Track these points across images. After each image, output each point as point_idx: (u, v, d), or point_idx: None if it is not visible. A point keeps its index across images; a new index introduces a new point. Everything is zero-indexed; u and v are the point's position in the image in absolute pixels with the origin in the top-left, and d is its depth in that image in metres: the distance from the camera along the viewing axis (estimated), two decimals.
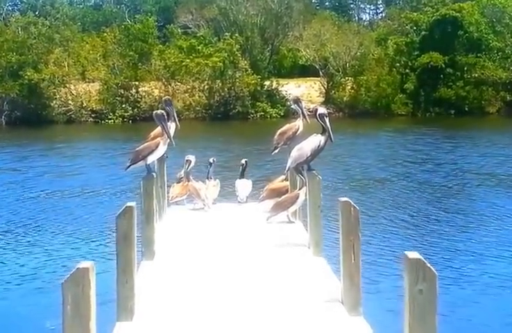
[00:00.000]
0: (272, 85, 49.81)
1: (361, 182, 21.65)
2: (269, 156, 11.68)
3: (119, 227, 6.38)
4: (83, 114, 47.05)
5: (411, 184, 21.06)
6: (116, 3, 77.28)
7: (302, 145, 9.15)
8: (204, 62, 47.98)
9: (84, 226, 15.74)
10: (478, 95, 49.24)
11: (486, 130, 38.78)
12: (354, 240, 6.56)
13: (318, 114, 8.88)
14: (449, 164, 25.34)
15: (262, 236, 9.64)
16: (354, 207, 6.63)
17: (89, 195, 19.77)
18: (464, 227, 15.32)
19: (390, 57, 51.45)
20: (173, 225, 10.68)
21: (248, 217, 11.05)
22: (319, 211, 8.72)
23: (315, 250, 8.63)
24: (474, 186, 20.74)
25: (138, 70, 49.15)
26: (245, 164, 12.62)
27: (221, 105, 47.50)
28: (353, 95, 49.79)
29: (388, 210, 17.14)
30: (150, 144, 9.31)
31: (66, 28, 53.43)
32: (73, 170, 25.30)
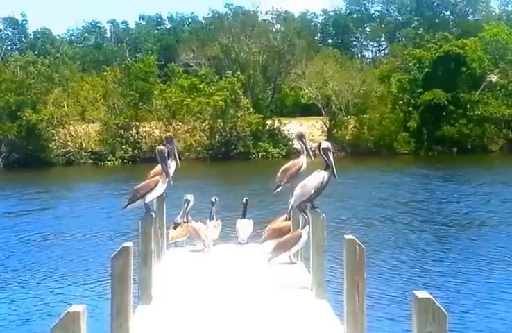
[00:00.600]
0: (274, 124, 49.36)
1: (363, 222, 21.09)
2: (271, 195, 11.26)
3: (115, 269, 6.22)
4: (82, 156, 46.41)
5: (414, 224, 20.63)
6: (117, 42, 77.40)
7: (305, 182, 8.75)
8: (205, 101, 47.60)
9: (80, 268, 15.35)
10: (481, 132, 48.79)
11: (489, 169, 38.32)
12: (359, 280, 6.35)
13: (322, 148, 8.52)
14: (452, 203, 24.91)
15: (263, 278, 9.39)
16: (360, 245, 6.45)
17: (85, 237, 19.32)
18: (467, 269, 14.88)
19: (393, 95, 51.08)
20: (172, 267, 10.34)
21: (249, 258, 10.79)
22: (322, 251, 8.32)
23: (317, 292, 8.28)
24: (476, 226, 20.28)
25: (138, 110, 48.74)
26: (245, 203, 12.20)
27: (222, 145, 46.95)
28: (355, 134, 49.28)
29: (391, 250, 16.82)
30: (149, 182, 8.96)
31: (65, 67, 53.15)
32: (70, 212, 24.76)
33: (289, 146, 47.72)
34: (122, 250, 6.28)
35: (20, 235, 20.39)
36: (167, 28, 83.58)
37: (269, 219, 12.69)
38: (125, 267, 6.23)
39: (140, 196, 8.75)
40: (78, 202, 27.65)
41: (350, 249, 6.40)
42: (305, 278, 9.07)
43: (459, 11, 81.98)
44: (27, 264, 16.21)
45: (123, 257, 6.26)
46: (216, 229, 11.81)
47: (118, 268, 6.22)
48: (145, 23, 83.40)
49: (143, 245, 8.13)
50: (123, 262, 6.24)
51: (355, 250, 6.36)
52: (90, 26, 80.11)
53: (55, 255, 17.07)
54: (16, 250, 17.99)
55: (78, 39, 79.58)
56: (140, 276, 8.11)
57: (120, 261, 6.23)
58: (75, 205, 26.68)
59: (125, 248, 6.34)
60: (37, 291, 13.58)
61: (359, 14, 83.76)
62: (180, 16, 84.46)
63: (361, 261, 6.35)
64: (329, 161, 8.43)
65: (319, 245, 8.21)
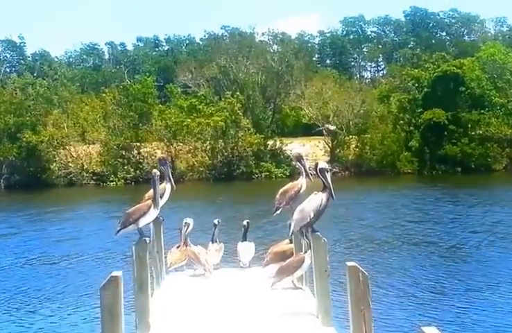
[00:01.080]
0: (275, 145, 49.18)
1: (367, 244, 20.72)
2: (272, 217, 10.87)
3: (103, 300, 5.99)
4: (84, 177, 46.12)
5: (421, 246, 20.23)
6: (115, 64, 77.45)
7: (303, 206, 8.43)
8: (205, 122, 47.47)
9: (69, 296, 14.80)
10: (483, 152, 48.69)
11: (494, 188, 38.18)
12: (365, 309, 6.10)
13: (319, 168, 8.26)
14: (458, 224, 24.55)
15: (267, 304, 9.00)
16: (363, 273, 6.18)
17: (81, 262, 18.92)
18: (476, 293, 14.43)
19: (394, 115, 51.10)
20: (171, 293, 9.93)
21: (251, 283, 10.40)
22: (326, 276, 7.94)
23: (324, 320, 7.88)
24: (484, 247, 19.88)
25: (139, 130, 48.62)
26: (247, 226, 11.75)
27: (225, 166, 46.69)
28: (358, 153, 49.16)
29: (397, 274, 16.43)
30: (141, 206, 8.63)
31: (64, 88, 53.11)
32: (69, 235, 24.33)
33: (293, 166, 47.18)
34: (111, 280, 6.05)
35: (11, 258, 19.98)
36: (165, 49, 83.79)
37: (271, 242, 12.48)
38: (114, 298, 6.02)
39: (133, 221, 8.48)
40: (77, 224, 27.23)
41: (353, 276, 6.13)
42: (311, 304, 8.73)
43: (455, 32, 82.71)
44: (16, 288, 15.83)
45: (113, 287, 6.00)
46: (218, 253, 11.44)
47: (108, 299, 6.03)
48: (143, 44, 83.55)
49: (139, 272, 7.83)
50: (112, 292, 5.99)
51: (358, 277, 6.10)
52: (88, 48, 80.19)
53: (48, 280, 16.63)
54: (6, 273, 17.65)
55: (77, 61, 79.61)
56: (137, 304, 7.80)
57: (109, 292, 5.99)
58: (74, 227, 26.25)
59: (113, 277, 6.09)
60: (25, 318, 13.18)
61: (355, 35, 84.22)
62: (178, 38, 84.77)
63: (365, 290, 6.08)
64: (327, 182, 8.20)
65: (322, 270, 7.92)
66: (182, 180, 44.46)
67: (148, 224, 8.87)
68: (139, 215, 8.46)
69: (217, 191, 40.65)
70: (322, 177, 8.22)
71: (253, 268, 11.28)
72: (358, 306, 6.10)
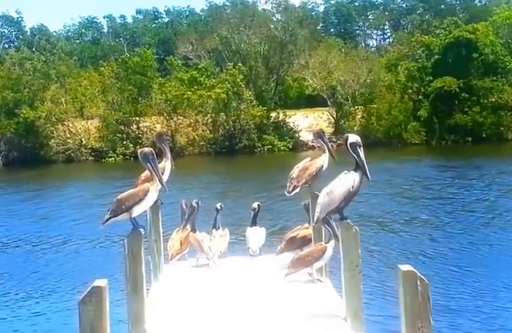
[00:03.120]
0: (278, 117, 47.69)
1: (384, 219, 19.50)
2: (284, 197, 9.41)
3: (84, 317, 4.89)
4: (83, 153, 45.07)
5: (422, 222, 19.17)
6: (115, 37, 75.97)
7: (331, 188, 6.97)
8: (206, 94, 46.02)
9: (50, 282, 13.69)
10: (496, 120, 46.95)
11: (507, 158, 36.38)
12: (424, 327, 4.90)
13: (349, 143, 6.87)
14: (470, 197, 23.26)
15: (281, 302, 7.71)
16: (422, 280, 4.95)
17: (74, 243, 17.66)
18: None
19: (402, 84, 49.36)
20: (170, 288, 8.63)
21: (262, 274, 9.06)
22: (358, 272, 6.63)
23: (354, 324, 6.60)
24: (495, 221, 18.85)
25: (138, 105, 47.30)
26: (257, 209, 10.27)
27: (226, 139, 45.31)
28: (364, 124, 47.63)
29: (400, 250, 15.45)
30: (136, 192, 7.08)
31: (62, 63, 51.74)
32: (62, 214, 23.20)
33: (296, 139, 46.13)
34: (92, 292, 4.93)
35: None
36: (165, 21, 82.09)
37: (285, 227, 11.17)
38: (98, 314, 4.87)
39: (126, 209, 7.00)
40: (72, 202, 26.10)
41: (409, 285, 4.98)
42: (334, 301, 7.53)
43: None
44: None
45: (95, 300, 4.88)
46: (223, 240, 10.07)
47: (89, 315, 4.85)
48: (142, 17, 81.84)
49: (132, 270, 6.52)
50: (94, 308, 4.88)
51: (416, 286, 4.94)
52: (87, 22, 78.69)
53: (31, 267, 15.46)
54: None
55: (75, 35, 78.24)
56: (130, 308, 6.53)
57: (91, 307, 4.87)
58: (69, 206, 25.06)
59: (96, 288, 4.91)
60: None
61: (361, 2, 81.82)
62: (177, 10, 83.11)
63: (425, 303, 4.94)
64: (359, 160, 6.82)
65: (352, 265, 6.61)
66: (182, 154, 43.27)
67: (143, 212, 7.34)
68: (133, 202, 6.96)
69: (219, 165, 39.38)
70: (354, 154, 6.83)
71: (264, 256, 9.93)
72: (414, 324, 4.94)
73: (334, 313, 7.04)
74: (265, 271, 9.12)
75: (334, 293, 7.81)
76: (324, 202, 6.94)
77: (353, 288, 6.61)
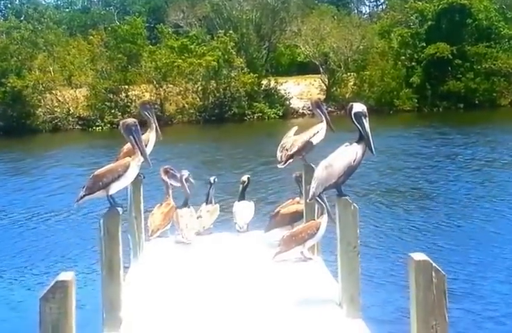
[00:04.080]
0: (270, 84, 47.04)
1: (367, 190, 19.03)
2: (275, 168, 8.93)
3: (45, 316, 4.25)
4: (70, 122, 44.40)
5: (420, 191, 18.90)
6: (105, 5, 74.76)
7: (331, 161, 6.43)
8: (197, 62, 45.28)
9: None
10: (489, 87, 46.32)
11: (500, 124, 35.88)
12: (439, 324, 4.32)
13: (354, 113, 6.34)
14: (455, 166, 22.98)
15: (269, 284, 7.20)
16: (438, 271, 4.40)
17: (54, 221, 16.98)
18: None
19: (395, 50, 48.65)
20: (150, 268, 8.13)
21: (249, 253, 8.53)
22: (356, 254, 6.13)
23: (350, 310, 6.14)
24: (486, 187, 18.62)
25: (127, 73, 46.56)
26: (246, 182, 9.72)
27: (216, 107, 44.70)
28: (356, 91, 47.02)
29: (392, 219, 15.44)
30: (115, 167, 6.51)
31: (50, 32, 50.86)
32: (41, 185, 22.73)
33: (286, 106, 45.55)
34: (56, 287, 4.31)
35: None
36: None
37: (275, 201, 10.82)
38: (62, 313, 4.27)
39: (102, 186, 6.45)
40: (53, 173, 25.53)
41: (422, 276, 4.42)
42: (327, 284, 7.07)
43: None
44: None
45: (59, 298, 4.27)
46: (211, 215, 9.63)
47: (52, 314, 4.23)
48: None
49: (108, 253, 6.02)
50: (58, 306, 4.27)
51: (431, 278, 4.39)
52: None
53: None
54: None
55: (65, 4, 77.06)
56: (104, 294, 6.05)
57: (52, 305, 4.25)
58: (53, 177, 24.46)
59: (60, 283, 4.33)
60: None
61: None
62: None
63: (441, 297, 4.38)
64: (364, 131, 6.27)
65: (350, 246, 6.11)
66: (170, 122, 42.79)
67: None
68: (111, 178, 6.40)
69: (208, 134, 38.87)
70: (358, 124, 6.30)
71: (252, 233, 9.43)
72: (427, 320, 4.40)
73: (327, 297, 6.56)
74: (252, 249, 8.64)
75: (328, 275, 7.37)
76: (322, 176, 6.40)
77: (350, 271, 6.15)
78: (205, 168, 22.62)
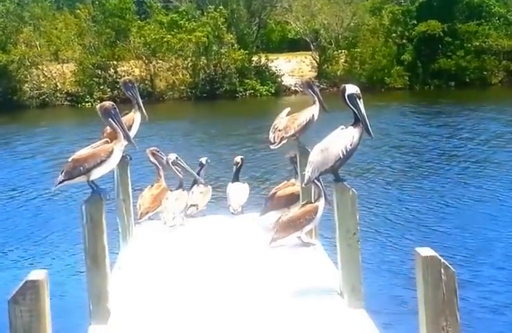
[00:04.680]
0: (260, 61, 46.54)
1: (358, 167, 18.77)
2: (269, 148, 8.71)
3: (15, 319, 3.88)
4: (58, 97, 43.75)
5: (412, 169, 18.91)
6: None
7: (327, 144, 6.23)
8: (187, 38, 44.68)
9: None
10: (479, 65, 46.02)
11: (491, 102, 35.85)
12: (450, 325, 3.98)
13: (348, 95, 6.10)
14: (447, 145, 22.91)
15: (265, 271, 6.89)
16: (447, 268, 4.08)
17: (40, 201, 16.48)
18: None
19: (386, 28, 48.22)
20: (139, 253, 7.85)
21: (243, 238, 8.21)
22: (356, 241, 5.90)
23: (352, 300, 5.89)
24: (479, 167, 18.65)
25: (116, 48, 45.91)
26: (240, 163, 9.54)
27: (207, 84, 44.21)
28: (347, 68, 46.62)
29: (387, 200, 15.28)
30: (98, 152, 6.16)
31: (36, 5, 49.91)
32: (33, 165, 22.26)
33: (278, 83, 45.14)
34: (27, 288, 3.96)
35: None
36: None
37: (271, 183, 10.53)
38: (33, 316, 3.92)
39: (83, 171, 6.11)
40: (35, 150, 25.20)
41: (430, 273, 4.13)
42: (326, 270, 6.81)
43: None
44: None
45: (30, 299, 3.93)
46: (204, 197, 9.35)
47: (20, 318, 3.90)
48: None
49: (92, 243, 5.73)
50: (29, 308, 3.93)
51: (439, 275, 4.10)
52: None
53: None
54: None
55: None
56: (90, 285, 5.80)
57: (23, 307, 3.92)
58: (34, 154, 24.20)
59: (31, 283, 3.98)
60: None
61: None
62: None
63: (451, 295, 4.10)
64: (359, 113, 6.08)
65: (349, 233, 5.91)
66: (161, 99, 42.36)
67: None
68: (93, 164, 6.08)
69: (199, 111, 38.56)
70: (353, 107, 6.11)
71: (246, 215, 9.15)
72: (438, 322, 4.11)
73: (328, 286, 6.32)
74: (247, 233, 8.35)
75: (328, 261, 7.08)
76: (317, 160, 6.22)
77: (350, 259, 5.93)
78: (198, 147, 22.29)
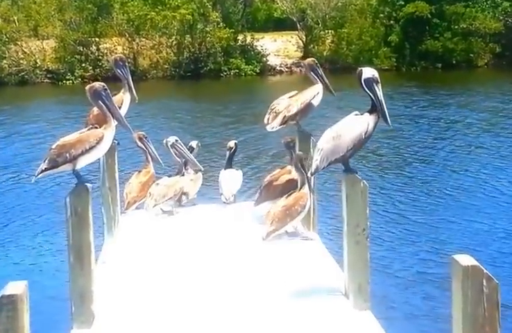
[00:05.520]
0: (246, 40, 45.78)
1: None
2: (261, 132, 8.15)
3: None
4: (38, 75, 42.58)
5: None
6: None
7: (340, 131, 5.66)
8: (171, 15, 43.72)
9: None
10: (466, 47, 45.76)
11: (477, 85, 35.77)
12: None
13: (364, 79, 5.69)
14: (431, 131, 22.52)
15: (263, 269, 6.37)
16: (490, 279, 3.66)
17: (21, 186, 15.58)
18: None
19: (373, 8, 47.66)
20: (126, 246, 7.28)
21: (238, 229, 7.70)
22: (365, 238, 5.47)
23: (357, 302, 5.51)
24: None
25: (98, 25, 44.83)
26: (234, 148, 8.90)
27: (191, 62, 43.36)
28: (334, 49, 46.02)
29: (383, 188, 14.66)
30: (86, 137, 5.51)
31: None
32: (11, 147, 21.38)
33: (263, 63, 44.39)
34: (2, 304, 3.47)
35: None
36: None
37: (265, 169, 10.14)
38: (14, 323, 3.45)
39: (69, 159, 5.49)
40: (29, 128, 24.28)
41: (472, 287, 3.69)
42: (328, 266, 6.38)
43: None
44: None
45: (7, 317, 3.43)
46: (194, 184, 8.77)
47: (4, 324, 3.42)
48: None
49: (76, 236, 5.23)
50: (5, 327, 3.46)
51: (481, 288, 3.67)
52: None
53: None
54: None
55: None
56: (73, 285, 5.31)
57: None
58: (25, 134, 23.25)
59: (8, 299, 3.47)
60: None
61: None
62: None
63: (492, 312, 3.66)
64: (377, 99, 5.61)
65: (359, 228, 5.46)
66: (144, 78, 41.49)
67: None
68: (81, 150, 5.46)
69: (183, 90, 37.74)
70: (370, 92, 5.65)
71: (239, 204, 8.62)
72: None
73: (331, 286, 5.89)
74: (241, 224, 7.83)
75: (329, 258, 6.64)
76: (327, 148, 5.62)
77: (358, 257, 5.50)
78: (185, 130, 21.66)
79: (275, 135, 8.27)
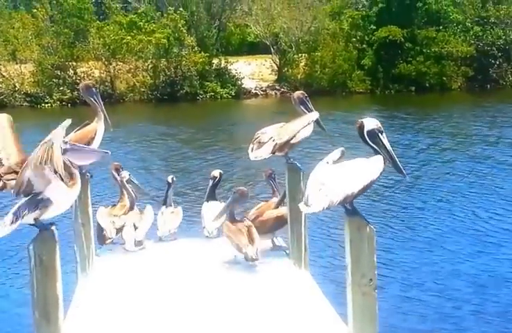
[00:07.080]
0: (220, 64, 46.40)
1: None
2: (241, 158, 8.17)
3: None
4: (17, 98, 42.84)
5: None
6: None
7: (350, 172, 5.07)
8: (146, 39, 44.35)
9: None
10: (439, 70, 46.69)
11: (450, 107, 36.40)
12: None
13: (367, 131, 5.06)
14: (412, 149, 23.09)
15: (248, 312, 5.92)
16: None
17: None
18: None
19: (346, 32, 48.53)
20: (102, 288, 6.75)
21: (222, 265, 7.28)
22: (373, 289, 5.00)
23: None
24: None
25: (75, 49, 45.26)
26: (218, 178, 8.55)
27: (167, 86, 43.84)
28: (307, 72, 46.74)
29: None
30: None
31: None
32: None
33: (238, 86, 45.03)
34: None
35: None
36: None
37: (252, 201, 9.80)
38: None
39: None
40: None
41: None
42: (323, 311, 5.87)
43: None
44: None
45: None
46: (176, 217, 8.49)
47: None
48: None
49: (41, 289, 4.64)
50: None
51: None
52: None
53: None
54: None
55: None
56: None
57: None
58: None
59: None
60: None
61: None
62: None
63: None
64: (386, 152, 5.06)
65: (365, 278, 4.98)
66: (121, 101, 41.92)
67: None
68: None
69: (160, 114, 37.98)
70: (374, 145, 5.07)
71: (223, 239, 7.77)
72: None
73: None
74: (225, 260, 7.33)
75: (324, 302, 6.07)
76: (336, 190, 4.95)
77: (365, 311, 4.95)
78: (161, 158, 21.01)
79: (254, 164, 8.12)
